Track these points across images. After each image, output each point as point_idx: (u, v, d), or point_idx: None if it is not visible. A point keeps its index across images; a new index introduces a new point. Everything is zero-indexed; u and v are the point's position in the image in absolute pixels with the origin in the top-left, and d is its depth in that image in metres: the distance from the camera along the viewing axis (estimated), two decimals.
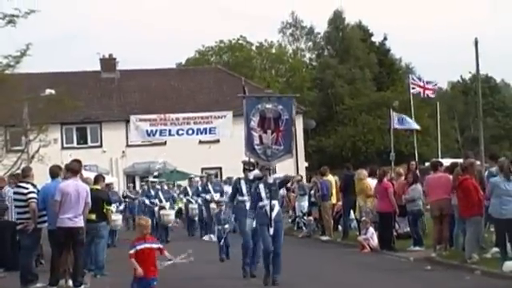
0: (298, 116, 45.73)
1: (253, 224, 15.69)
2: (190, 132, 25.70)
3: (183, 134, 25.86)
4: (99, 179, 18.45)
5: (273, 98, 16.15)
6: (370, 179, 22.66)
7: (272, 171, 15.38)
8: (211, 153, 47.55)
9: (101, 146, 51.26)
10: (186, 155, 44.98)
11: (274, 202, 15.00)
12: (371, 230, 21.28)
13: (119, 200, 28.47)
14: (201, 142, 43.94)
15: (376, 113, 65.23)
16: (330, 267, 18.49)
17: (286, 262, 15.29)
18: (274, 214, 14.90)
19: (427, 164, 38.15)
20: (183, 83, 55.82)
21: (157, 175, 35.87)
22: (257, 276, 15.90)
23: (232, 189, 17.82)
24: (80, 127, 51.96)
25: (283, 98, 16.53)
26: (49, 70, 52.73)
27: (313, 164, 53.47)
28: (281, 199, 18.81)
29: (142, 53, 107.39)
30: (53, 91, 38.85)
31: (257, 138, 15.45)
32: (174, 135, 25.98)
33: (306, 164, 52.55)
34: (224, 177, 38.64)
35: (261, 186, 15.00)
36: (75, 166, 15.55)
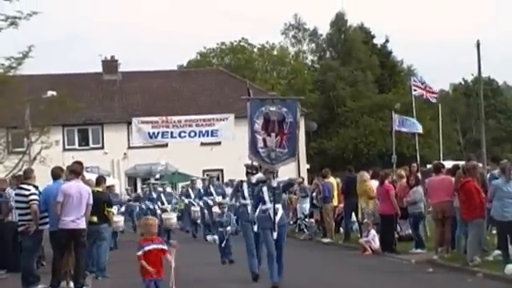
0: (300, 118, 45.69)
1: (255, 228, 15.55)
2: (192, 134, 25.70)
3: (185, 137, 25.87)
4: (101, 181, 18.44)
5: (277, 101, 15.92)
6: (374, 181, 22.62)
7: (275, 174, 15.25)
8: (213, 155, 47.54)
9: (102, 148, 51.31)
10: (188, 157, 45.02)
11: (278, 206, 14.86)
12: (373, 233, 21.26)
13: (120, 202, 28.43)
14: (202, 144, 43.97)
15: (378, 115, 65.24)
16: (332, 269, 18.47)
17: (288, 265, 15.26)
18: (278, 218, 14.76)
19: (429, 166, 38.22)
20: (185, 85, 55.84)
21: (159, 177, 35.87)
22: (260, 277, 15.83)
23: (233, 190, 17.76)
24: (82, 129, 52.01)
25: (287, 101, 16.31)
26: (50, 72, 52.81)
27: (314, 166, 53.50)
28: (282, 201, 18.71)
29: (144, 55, 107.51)
30: (54, 93, 38.94)
31: (261, 141, 15.26)
32: (176, 137, 25.98)
33: (308, 166, 52.59)
34: (226, 179, 38.65)
35: (264, 190, 14.86)
36: (77, 168, 15.55)
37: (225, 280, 16.85)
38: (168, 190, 30.60)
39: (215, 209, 25.93)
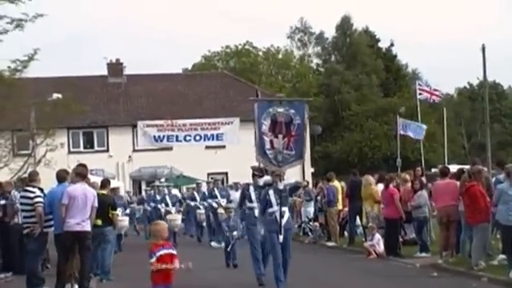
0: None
1: (262, 231, 15.41)
2: (198, 138, 25.65)
3: (190, 140, 25.81)
4: (105, 184, 18.45)
5: (284, 102, 15.71)
6: (380, 185, 22.57)
7: (282, 177, 15.05)
8: (217, 158, 47.52)
9: (107, 151, 51.32)
10: (193, 160, 44.97)
11: (284, 209, 14.70)
12: (377, 236, 21.24)
13: (124, 204, 28.45)
14: (207, 148, 43.85)
15: (383, 119, 65.23)
16: (336, 273, 18.45)
17: (292, 268, 15.21)
18: (284, 221, 14.60)
19: (434, 170, 38.20)
20: (190, 88, 55.86)
21: (163, 180, 35.88)
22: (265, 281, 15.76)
23: (240, 195, 17.61)
24: (86, 132, 52.03)
25: (295, 102, 16.11)
26: (56, 75, 52.85)
27: (319, 170, 53.53)
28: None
29: (149, 58, 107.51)
30: (60, 96, 38.98)
31: (268, 143, 15.08)
32: (182, 141, 25.92)
33: (312, 170, 52.56)
34: (230, 182, 38.63)
35: (271, 193, 14.70)
36: (83, 171, 15.55)
37: (230, 284, 16.84)
38: (173, 192, 30.52)
39: (220, 210, 25.95)
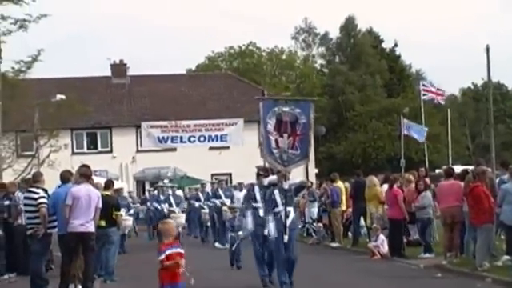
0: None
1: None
2: (202, 139, 25.64)
3: (195, 141, 25.80)
4: (109, 185, 18.44)
5: (290, 101, 15.55)
6: (385, 186, 22.52)
7: (287, 177, 14.88)
8: (221, 159, 47.52)
9: (111, 152, 51.35)
10: (196, 161, 45.02)
11: (290, 209, 14.61)
12: (381, 237, 21.21)
13: (128, 205, 28.41)
14: (211, 148, 43.87)
15: (386, 119, 65.26)
16: (340, 274, 18.42)
17: (296, 269, 15.17)
18: (289, 222, 14.52)
19: (438, 171, 38.15)
20: (193, 89, 55.87)
21: (167, 182, 35.85)
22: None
23: (246, 195, 17.44)
24: (90, 132, 52.08)
25: (301, 102, 15.93)
26: (59, 76, 52.90)
27: (323, 170, 53.51)
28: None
29: (152, 59, 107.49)
30: (63, 97, 39.00)
31: (273, 142, 14.91)
32: (186, 142, 25.90)
33: (316, 170, 52.53)
34: (234, 183, 38.59)
35: (276, 192, 14.64)
36: (88, 172, 15.54)
37: (234, 285, 16.82)
38: (177, 193, 30.46)
39: (225, 208, 25.90)
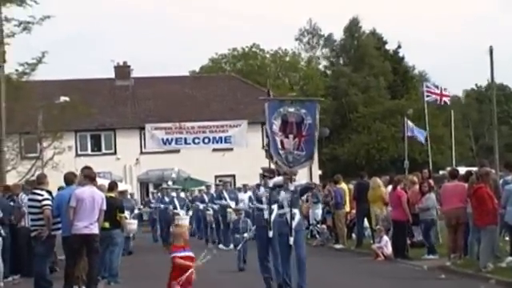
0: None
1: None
2: (206, 141, 25.65)
3: (199, 143, 25.80)
4: (113, 186, 18.46)
5: (296, 102, 15.42)
6: (390, 187, 22.49)
7: (293, 178, 14.74)
8: (225, 160, 47.54)
9: (115, 154, 51.41)
10: (200, 163, 45.06)
11: (295, 211, 14.46)
12: (385, 239, 21.21)
13: (133, 207, 28.40)
14: (214, 150, 43.93)
15: (390, 121, 65.24)
16: (344, 276, 18.41)
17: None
18: (295, 224, 14.36)
19: (441, 172, 38.14)
20: (197, 91, 55.89)
21: (171, 184, 35.84)
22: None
23: (254, 195, 17.24)
24: (94, 134, 52.16)
25: (306, 102, 15.74)
26: (63, 78, 53.00)
27: (326, 172, 53.42)
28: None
29: (156, 60, 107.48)
30: (67, 98, 39.05)
31: (278, 143, 14.77)
32: (190, 144, 25.91)
33: (320, 172, 52.49)
34: (238, 184, 38.59)
35: (282, 194, 14.47)
36: (92, 174, 15.56)
37: (237, 286, 16.79)
38: (181, 195, 30.39)
39: (230, 210, 25.89)
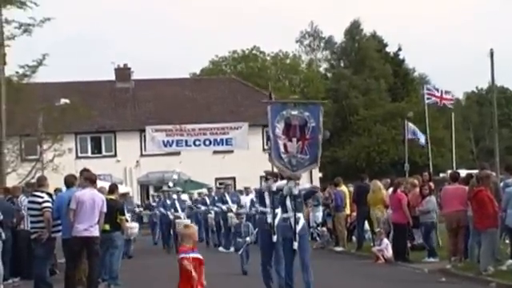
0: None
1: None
2: (207, 143, 25.59)
3: (200, 145, 25.74)
4: (114, 189, 18.43)
5: (299, 105, 15.16)
6: (391, 190, 22.48)
7: (297, 182, 14.43)
8: (225, 163, 47.55)
9: (115, 156, 51.40)
10: (200, 165, 45.04)
11: (299, 215, 14.21)
12: (386, 241, 21.19)
13: (134, 210, 28.33)
14: (215, 152, 43.93)
15: (390, 123, 65.19)
16: (344, 278, 18.37)
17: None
18: (299, 228, 14.10)
19: (442, 175, 38.15)
20: (198, 93, 55.91)
21: (172, 185, 35.80)
22: None
23: (257, 198, 17.00)
24: (94, 137, 52.14)
25: (309, 105, 15.48)
26: (63, 80, 52.99)
27: (327, 174, 53.41)
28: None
29: (156, 63, 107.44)
30: (67, 101, 39.08)
31: (281, 146, 14.49)
32: (191, 146, 25.84)
33: (320, 174, 52.47)
34: (237, 187, 38.57)
35: (286, 198, 14.13)
36: (92, 176, 15.56)
37: None
38: (182, 198, 30.31)
39: (231, 214, 25.84)
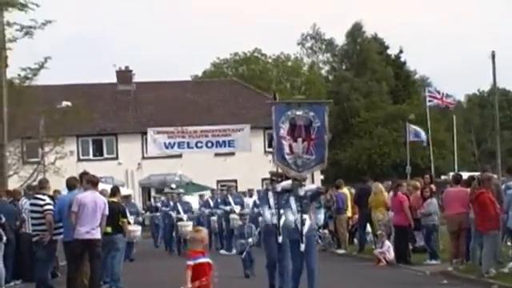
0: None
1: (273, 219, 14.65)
2: (209, 145, 25.50)
3: (202, 147, 25.65)
4: (116, 191, 18.41)
5: (303, 105, 15.05)
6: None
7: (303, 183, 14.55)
8: (227, 165, 47.52)
9: (117, 158, 51.39)
10: (202, 167, 45.04)
11: (305, 217, 14.20)
12: (387, 244, 21.18)
13: (137, 212, 28.27)
14: (216, 155, 43.91)
15: (392, 126, 65.18)
16: (346, 281, 18.35)
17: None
18: (306, 230, 14.13)
19: (443, 177, 38.10)
20: (199, 95, 55.90)
21: (175, 187, 35.79)
22: None
23: (261, 200, 16.90)
24: (96, 139, 52.15)
25: (314, 105, 15.32)
26: (65, 83, 53.00)
27: (328, 177, 53.37)
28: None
29: (158, 65, 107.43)
30: (69, 103, 39.09)
31: (286, 147, 14.43)
32: (193, 148, 25.75)
33: (322, 177, 52.44)
34: (239, 189, 38.54)
35: (291, 199, 14.24)
36: (94, 178, 15.55)
37: None
38: (184, 200, 30.24)
39: (233, 216, 25.79)
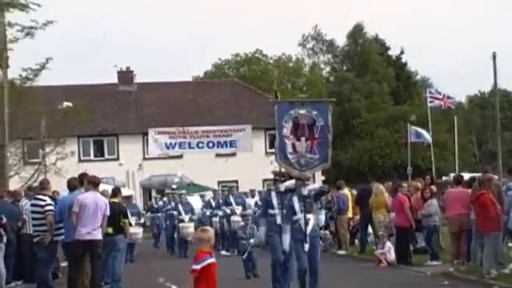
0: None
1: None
2: (211, 145, 25.50)
3: (203, 147, 25.64)
4: (117, 192, 18.42)
5: (307, 103, 15.02)
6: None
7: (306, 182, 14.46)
8: (228, 166, 47.52)
9: (117, 159, 51.41)
10: (203, 168, 45.03)
11: (309, 216, 14.06)
12: (388, 245, 21.17)
13: (139, 213, 28.22)
14: (217, 155, 43.94)
15: (393, 127, 65.13)
16: (347, 282, 18.36)
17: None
18: (310, 229, 14.01)
19: (444, 178, 38.11)
20: (200, 96, 55.91)
21: (176, 188, 35.77)
22: None
23: (263, 202, 16.89)
24: (97, 140, 52.16)
25: (317, 104, 15.25)
26: (66, 83, 53.00)
27: (329, 178, 53.36)
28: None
29: (159, 66, 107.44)
30: (70, 104, 39.12)
31: (290, 146, 14.40)
32: (194, 148, 25.74)
33: (323, 178, 52.44)
34: (241, 190, 38.54)
35: (294, 199, 14.08)
36: (96, 179, 15.55)
37: None
38: (185, 200, 30.20)
39: (235, 218, 25.77)
